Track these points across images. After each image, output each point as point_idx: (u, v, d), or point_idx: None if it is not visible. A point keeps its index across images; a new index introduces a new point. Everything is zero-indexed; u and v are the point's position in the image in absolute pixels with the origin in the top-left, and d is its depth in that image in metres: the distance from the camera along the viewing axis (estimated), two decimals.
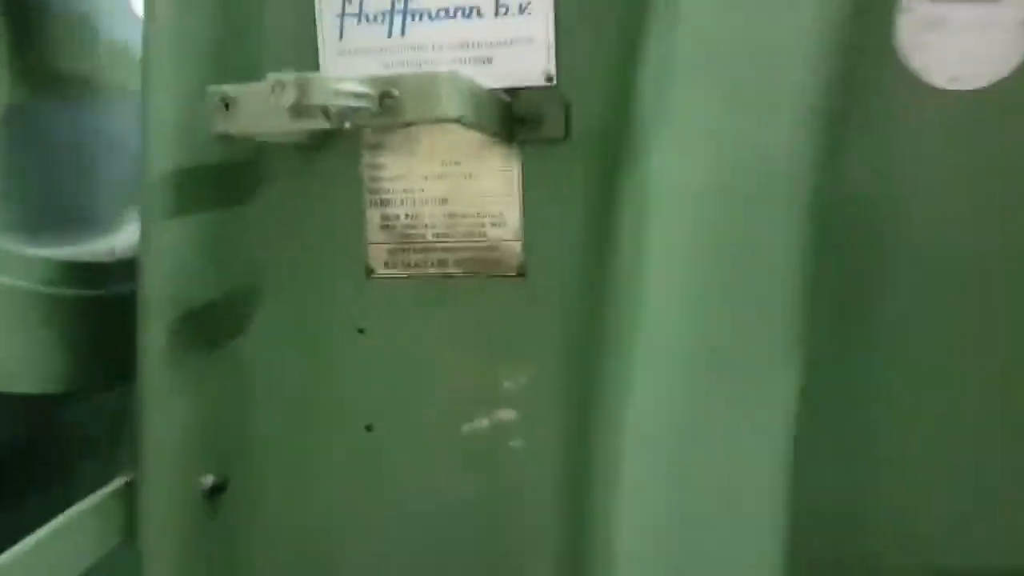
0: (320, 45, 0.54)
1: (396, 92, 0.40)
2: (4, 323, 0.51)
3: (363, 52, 0.53)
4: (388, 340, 0.56)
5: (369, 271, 0.56)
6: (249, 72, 0.50)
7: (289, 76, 0.39)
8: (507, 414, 0.55)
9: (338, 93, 0.39)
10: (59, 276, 0.56)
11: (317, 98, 0.39)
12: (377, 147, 0.55)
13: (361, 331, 0.57)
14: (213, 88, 0.43)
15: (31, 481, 0.60)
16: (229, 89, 0.42)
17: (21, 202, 0.58)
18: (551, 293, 0.53)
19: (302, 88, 0.39)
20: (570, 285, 0.52)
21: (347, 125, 0.40)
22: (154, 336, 0.52)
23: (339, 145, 0.55)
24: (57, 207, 0.62)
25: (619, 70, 0.48)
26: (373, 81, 0.40)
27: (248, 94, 0.42)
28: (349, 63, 0.53)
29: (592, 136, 0.50)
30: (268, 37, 0.54)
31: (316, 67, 0.54)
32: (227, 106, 0.42)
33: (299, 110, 0.39)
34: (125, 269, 0.57)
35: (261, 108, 0.41)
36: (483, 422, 0.55)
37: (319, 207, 0.56)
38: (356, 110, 0.39)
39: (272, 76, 0.39)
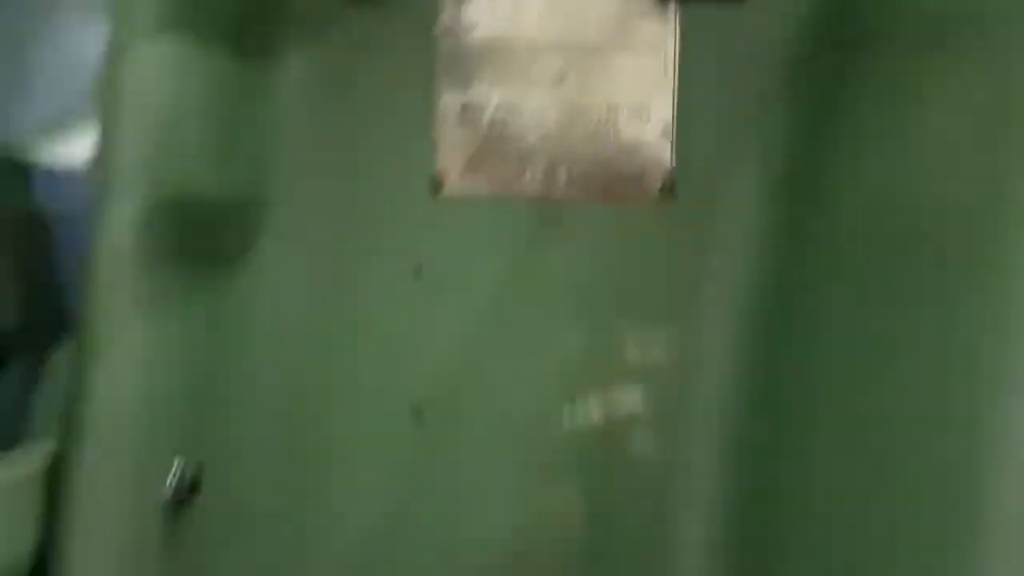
0: None
1: None
2: None
3: None
4: (458, 287, 0.39)
5: (436, 185, 0.39)
6: None
7: None
8: (631, 399, 0.37)
9: None
10: None
11: None
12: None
13: (418, 272, 0.39)
14: None
15: None
16: None
17: None
18: (711, 222, 0.36)
19: None
20: (744, 213, 0.36)
21: None
22: (115, 231, 0.34)
23: None
24: None
25: None
26: None
27: None
28: None
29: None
30: None
31: None
32: None
33: None
34: None
35: None
36: (593, 412, 0.38)
37: (367, 87, 0.39)
38: None
39: None
